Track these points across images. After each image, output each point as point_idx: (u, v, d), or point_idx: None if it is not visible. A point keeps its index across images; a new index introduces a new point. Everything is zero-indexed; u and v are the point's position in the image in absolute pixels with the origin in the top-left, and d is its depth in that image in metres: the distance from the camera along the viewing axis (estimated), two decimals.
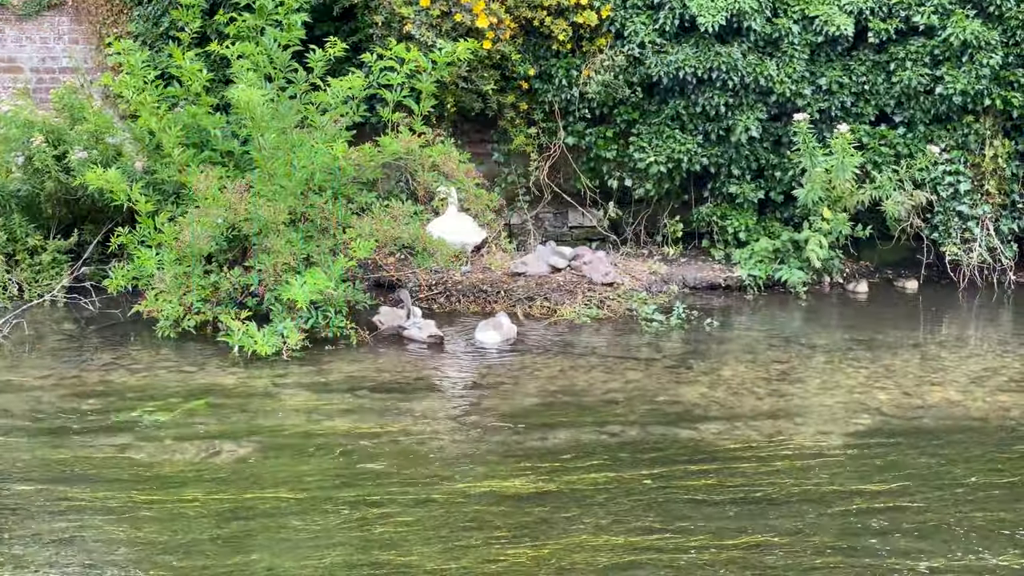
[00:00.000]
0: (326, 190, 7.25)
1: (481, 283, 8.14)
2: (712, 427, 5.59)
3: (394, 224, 7.13)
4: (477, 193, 7.50)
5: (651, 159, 8.79)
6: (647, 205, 9.46)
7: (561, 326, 7.61)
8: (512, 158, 9.36)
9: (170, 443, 5.27)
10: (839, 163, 8.47)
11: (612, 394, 6.11)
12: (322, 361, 6.60)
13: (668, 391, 6.17)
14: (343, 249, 7.06)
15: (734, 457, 5.18)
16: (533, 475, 4.92)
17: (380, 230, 7.02)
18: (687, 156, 8.84)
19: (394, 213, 7.23)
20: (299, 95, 7.18)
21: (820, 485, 4.85)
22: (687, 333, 7.47)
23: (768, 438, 5.46)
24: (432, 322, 7.15)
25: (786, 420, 5.72)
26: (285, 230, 6.99)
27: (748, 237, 9.00)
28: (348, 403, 5.89)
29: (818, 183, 8.48)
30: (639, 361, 6.75)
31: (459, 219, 7.91)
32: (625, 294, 8.15)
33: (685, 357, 6.88)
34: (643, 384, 6.29)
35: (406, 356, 6.87)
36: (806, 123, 8.55)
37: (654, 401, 5.99)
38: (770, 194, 9.16)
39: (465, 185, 7.40)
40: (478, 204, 7.46)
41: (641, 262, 8.94)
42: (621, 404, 5.93)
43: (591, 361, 6.74)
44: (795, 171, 8.93)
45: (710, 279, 8.86)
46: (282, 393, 6.05)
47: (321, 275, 6.64)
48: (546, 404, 5.94)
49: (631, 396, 6.06)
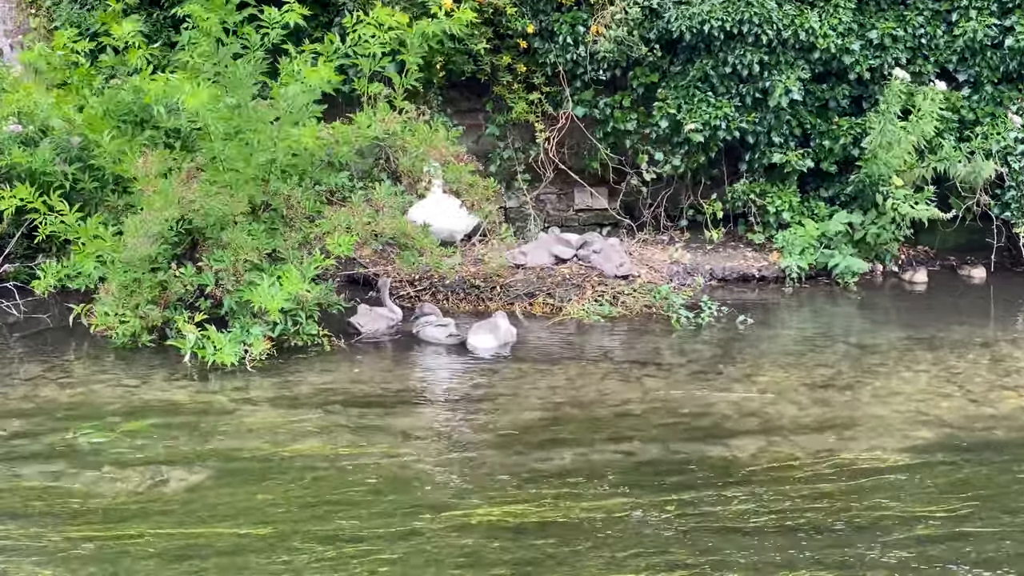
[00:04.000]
0: (291, 174, 7.39)
1: (473, 277, 8.17)
2: (747, 443, 5.62)
3: (376, 216, 7.18)
4: (472, 181, 7.51)
5: (690, 125, 8.79)
6: (666, 183, 9.48)
7: (568, 327, 7.66)
8: (509, 131, 9.39)
9: (110, 470, 5.28)
10: (915, 127, 8.39)
11: (628, 406, 6.13)
12: (289, 372, 6.63)
13: (694, 401, 6.19)
14: (316, 243, 7.15)
15: (773, 478, 5.21)
16: (536, 502, 4.95)
17: (360, 223, 7.09)
18: (724, 122, 8.83)
19: (376, 203, 7.26)
20: (257, 63, 7.15)
21: (874, 510, 4.87)
22: (716, 333, 7.51)
23: (813, 455, 5.49)
24: (452, 320, 7.24)
25: (834, 434, 5.75)
26: (244, 222, 7.04)
27: (791, 218, 9.04)
28: (320, 420, 5.92)
29: (902, 149, 8.39)
30: (660, 367, 6.78)
31: (446, 202, 7.96)
32: (642, 288, 8.20)
33: (714, 361, 6.90)
34: (665, 393, 6.32)
35: (386, 365, 6.90)
36: (901, 82, 8.47)
37: (678, 413, 6.02)
38: (820, 165, 9.17)
39: (457, 172, 7.43)
40: (474, 194, 7.48)
41: (661, 250, 9.01)
42: (639, 417, 5.96)
43: (603, 367, 6.76)
44: (846, 140, 8.94)
45: (742, 269, 8.94)
46: (242, 410, 6.07)
47: (295, 275, 6.68)
48: (551, 418, 5.97)
49: (651, 408, 6.10)
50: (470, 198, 7.51)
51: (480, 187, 7.45)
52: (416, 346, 7.31)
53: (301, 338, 7.09)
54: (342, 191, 7.49)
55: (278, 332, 6.97)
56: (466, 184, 7.43)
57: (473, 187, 7.43)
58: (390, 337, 7.43)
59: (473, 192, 7.45)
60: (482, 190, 7.48)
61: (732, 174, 9.40)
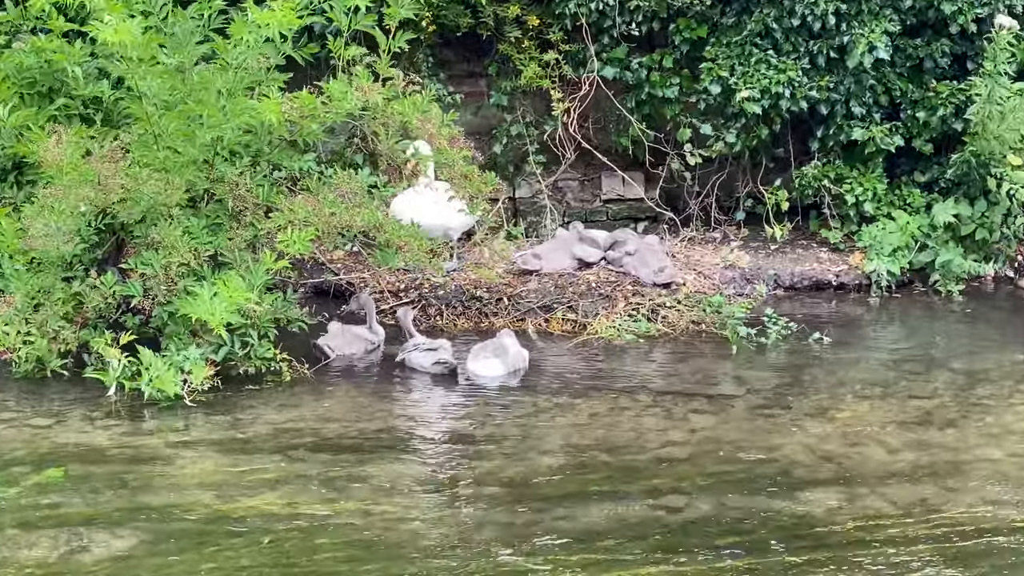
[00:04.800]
0: (241, 155, 7.37)
1: (474, 287, 8.19)
2: (822, 496, 5.59)
3: (342, 205, 7.14)
4: (465, 171, 7.47)
5: (744, 93, 8.77)
6: (718, 166, 9.39)
7: (594, 349, 7.66)
8: (518, 100, 9.34)
9: (14, 533, 5.22)
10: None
11: (672, 449, 6.12)
12: (240, 407, 6.62)
13: (756, 443, 6.18)
14: (268, 243, 7.14)
15: (856, 540, 5.16)
16: (554, 573, 4.87)
17: (321, 214, 7.03)
18: (788, 89, 8.81)
19: (341, 188, 7.25)
20: (209, 15, 7.12)
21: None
22: (783, 356, 7.53)
23: (907, 512, 5.45)
24: (445, 342, 7.30)
25: (934, 484, 5.71)
26: (181, 216, 7.03)
27: (876, 211, 9.01)
28: (279, 469, 5.90)
29: (1018, 120, 8.41)
30: (712, 399, 6.75)
31: (438, 193, 7.93)
32: (689, 299, 8.19)
33: (781, 392, 6.89)
34: (718, 433, 6.30)
35: (364, 398, 6.86)
36: (1009, 32, 8.45)
37: (735, 459, 6.00)
38: (913, 142, 9.13)
39: (448, 159, 7.39)
40: (467, 188, 7.46)
41: (712, 251, 9.02)
42: (686, 463, 5.94)
43: (640, 401, 6.75)
44: (946, 110, 8.95)
45: (815, 274, 8.96)
46: (181, 456, 6.05)
47: (239, 282, 6.67)
48: (573, 465, 5.94)
49: (700, 452, 6.07)
50: (463, 193, 7.52)
51: (476, 181, 7.42)
52: (402, 374, 7.32)
53: (253, 363, 7.10)
54: (307, 179, 7.46)
55: (223, 356, 6.97)
56: (459, 176, 7.42)
57: (468, 181, 7.41)
58: (369, 363, 7.43)
59: (468, 186, 7.43)
60: (479, 185, 7.44)
61: (801, 154, 9.38)
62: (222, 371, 6.94)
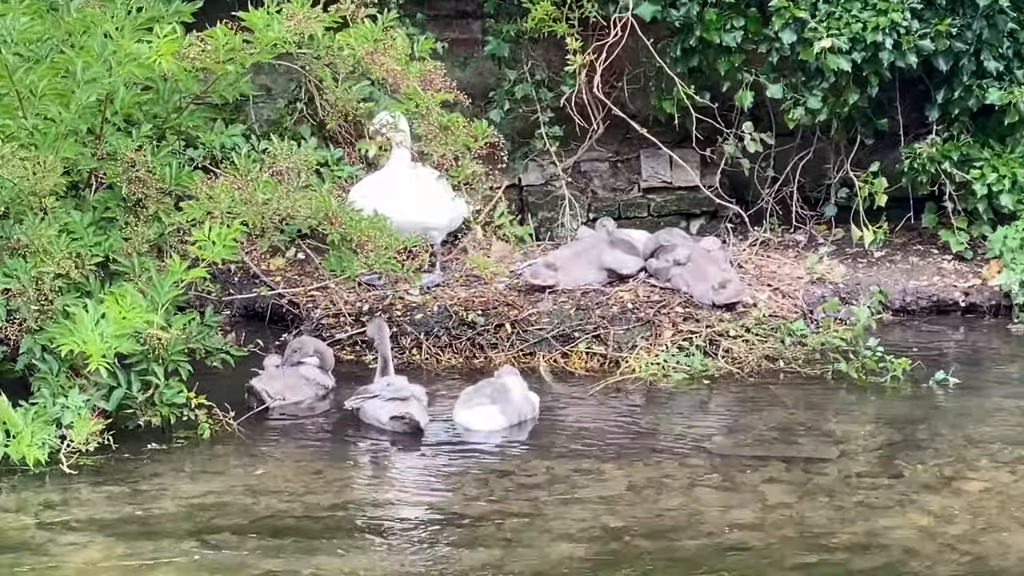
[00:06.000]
0: (140, 123, 7.33)
1: (464, 308, 8.29)
2: None
3: (282, 189, 7.16)
4: (447, 122, 7.38)
5: (825, 42, 8.81)
6: (801, 142, 9.44)
7: (630, 394, 7.74)
8: (524, 51, 9.43)
9: None
10: None
11: (739, 533, 6.10)
12: (140, 474, 6.62)
13: (855, 523, 6.15)
14: (179, 244, 7.20)
15: None
16: None
17: (252, 202, 7.08)
18: (891, 36, 8.86)
19: (280, 166, 7.28)
20: None
21: None
22: (892, 403, 7.57)
23: None
24: (418, 389, 7.27)
25: None
26: (58, 208, 7.06)
27: (1018, 205, 9.12)
28: (192, 563, 5.82)
29: None
30: (793, 462, 6.77)
31: (415, 178, 8.07)
32: (762, 325, 8.24)
33: (889, 454, 6.91)
34: (802, 511, 6.30)
35: (313, 461, 6.93)
36: None
37: (824, 546, 5.96)
38: None
39: (421, 104, 7.31)
40: (448, 145, 7.40)
41: (793, 259, 9.29)
42: (756, 553, 5.91)
43: (693, 465, 6.77)
44: None
45: (935, 291, 9.11)
46: (57, 542, 6.01)
47: (137, 299, 6.68)
48: (604, 555, 5.89)
49: (777, 537, 6.06)
50: (442, 151, 7.42)
51: (461, 134, 7.34)
52: (366, 429, 7.30)
53: (159, 412, 7.13)
54: (235, 155, 7.44)
55: (116, 402, 7.01)
56: (436, 129, 7.34)
57: (449, 134, 7.35)
58: (321, 414, 7.50)
59: (448, 141, 7.37)
60: (465, 138, 7.37)
61: (917, 126, 9.39)
62: (116, 423, 6.95)
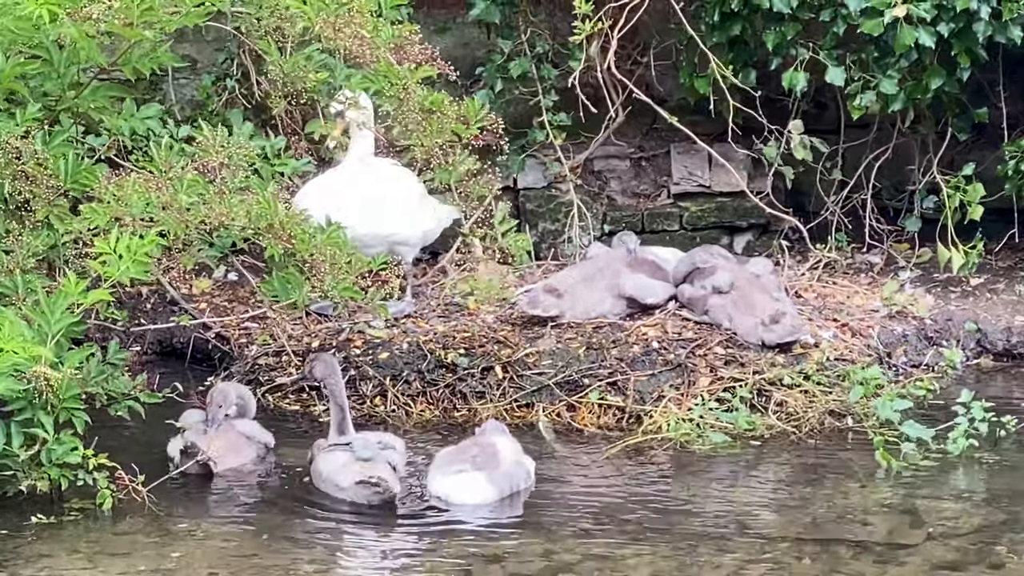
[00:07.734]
0: (26, 102, 7.34)
1: (442, 345, 8.11)
2: None
3: (208, 189, 7.08)
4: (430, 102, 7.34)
5: (898, 10, 8.64)
6: (878, 138, 9.11)
7: (655, 457, 7.56)
8: (521, 15, 9.40)
9: None
10: None
11: None
12: (20, 557, 6.35)
13: None
14: (77, 259, 7.16)
15: None
16: None
17: (172, 206, 6.97)
18: (987, 4, 8.71)
19: (208, 160, 7.16)
20: None
21: None
22: (992, 474, 7.36)
23: None
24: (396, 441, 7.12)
25: None
26: None
27: None
28: None
29: None
30: (863, 549, 6.47)
31: (380, 176, 8.18)
32: (825, 372, 8.06)
33: (988, 538, 6.58)
34: None
35: (246, 541, 6.63)
36: None
37: None
38: None
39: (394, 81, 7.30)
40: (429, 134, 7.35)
41: (867, 287, 9.01)
42: None
43: (736, 549, 6.44)
44: None
45: None
46: None
47: (19, 328, 6.53)
48: None
49: None
50: (427, 143, 7.31)
51: (449, 115, 7.24)
52: (317, 500, 7.03)
53: (46, 475, 6.80)
54: (153, 144, 7.31)
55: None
56: (416, 114, 7.23)
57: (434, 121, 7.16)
58: (260, 479, 7.35)
59: (433, 130, 7.22)
60: (449, 122, 7.26)
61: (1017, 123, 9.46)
62: None
